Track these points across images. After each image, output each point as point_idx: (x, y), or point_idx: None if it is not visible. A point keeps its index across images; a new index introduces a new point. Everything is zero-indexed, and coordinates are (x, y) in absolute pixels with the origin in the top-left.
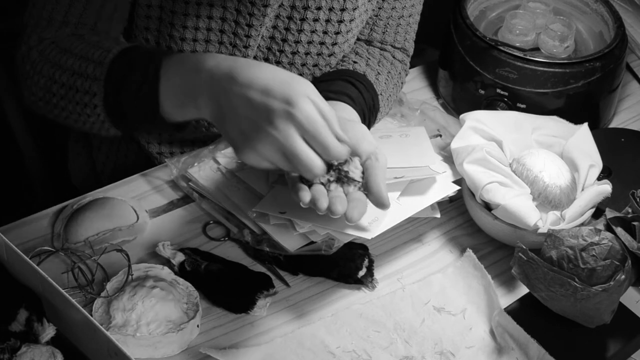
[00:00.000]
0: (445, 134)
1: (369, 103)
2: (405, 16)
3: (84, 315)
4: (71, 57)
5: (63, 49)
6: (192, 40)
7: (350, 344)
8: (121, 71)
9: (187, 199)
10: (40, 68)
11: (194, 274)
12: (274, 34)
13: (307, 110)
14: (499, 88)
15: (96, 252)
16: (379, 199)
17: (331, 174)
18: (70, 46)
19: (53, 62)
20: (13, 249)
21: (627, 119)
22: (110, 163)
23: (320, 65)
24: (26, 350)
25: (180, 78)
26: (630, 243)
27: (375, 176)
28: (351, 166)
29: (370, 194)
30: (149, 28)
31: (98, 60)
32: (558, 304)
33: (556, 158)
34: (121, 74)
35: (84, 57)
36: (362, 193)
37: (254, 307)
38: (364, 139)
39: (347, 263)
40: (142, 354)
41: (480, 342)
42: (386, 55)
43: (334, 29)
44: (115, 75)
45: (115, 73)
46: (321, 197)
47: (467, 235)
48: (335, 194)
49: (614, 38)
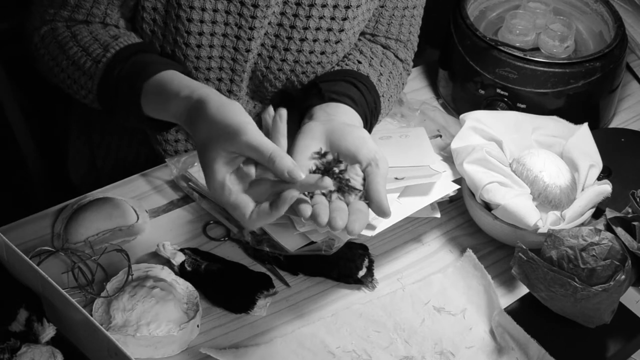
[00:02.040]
0: (445, 134)
1: (371, 105)
2: (410, 7)
3: (84, 315)
4: (74, 46)
5: (64, 40)
6: (198, 33)
7: (350, 344)
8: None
9: (187, 199)
10: (48, 44)
11: (194, 274)
12: (282, 20)
13: (249, 138)
14: (499, 88)
15: (96, 252)
16: (380, 208)
17: (333, 183)
18: (70, 42)
19: (52, 55)
20: (13, 249)
21: (627, 119)
22: (110, 159)
23: (327, 53)
24: (26, 350)
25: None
26: (630, 243)
27: (376, 184)
28: (352, 173)
29: (370, 202)
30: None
31: (90, 72)
32: (558, 304)
33: (556, 158)
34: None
35: (79, 62)
36: (363, 203)
37: (254, 307)
38: (363, 145)
39: (347, 263)
40: (142, 354)
41: (480, 342)
42: (389, 55)
43: (342, 15)
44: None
45: (105, 85)
46: (322, 213)
47: (467, 235)
48: (336, 205)
49: (614, 38)
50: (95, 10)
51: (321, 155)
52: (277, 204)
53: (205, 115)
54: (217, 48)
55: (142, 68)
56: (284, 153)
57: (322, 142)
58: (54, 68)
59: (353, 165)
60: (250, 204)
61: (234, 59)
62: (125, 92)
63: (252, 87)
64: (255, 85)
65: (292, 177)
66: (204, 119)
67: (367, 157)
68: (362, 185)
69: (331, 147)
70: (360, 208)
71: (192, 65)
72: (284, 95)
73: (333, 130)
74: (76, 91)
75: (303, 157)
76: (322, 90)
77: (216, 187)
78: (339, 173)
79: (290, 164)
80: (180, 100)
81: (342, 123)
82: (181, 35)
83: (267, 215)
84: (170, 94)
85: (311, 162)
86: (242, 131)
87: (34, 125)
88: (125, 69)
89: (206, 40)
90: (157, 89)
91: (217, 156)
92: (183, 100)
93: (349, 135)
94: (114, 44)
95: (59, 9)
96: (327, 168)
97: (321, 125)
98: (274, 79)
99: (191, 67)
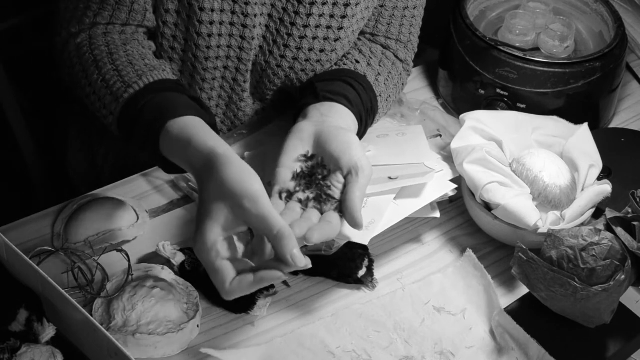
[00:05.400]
0: (445, 134)
1: (367, 105)
2: (410, 7)
3: (84, 315)
4: (108, 64)
5: (99, 56)
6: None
7: (350, 344)
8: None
9: (187, 199)
10: (74, 63)
11: (194, 274)
12: (283, 16)
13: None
14: (499, 88)
15: (96, 252)
16: (353, 219)
17: (311, 191)
18: (98, 61)
19: (84, 67)
20: (13, 249)
21: (627, 119)
22: (110, 158)
23: (326, 51)
24: (26, 350)
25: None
26: (630, 243)
27: (352, 194)
28: (334, 180)
29: (344, 212)
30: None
31: (112, 102)
32: (558, 304)
33: (556, 158)
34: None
35: (105, 87)
36: (336, 215)
37: (254, 307)
38: (346, 151)
39: (347, 263)
40: (142, 354)
41: (480, 342)
42: (388, 55)
43: (341, 12)
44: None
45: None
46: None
47: (467, 235)
48: (306, 215)
49: (614, 38)
50: (137, 7)
51: (307, 158)
52: (262, 279)
53: (225, 173)
54: (225, 37)
55: (171, 106)
56: (292, 232)
57: (310, 145)
58: (82, 80)
59: (336, 172)
60: (231, 273)
61: (240, 48)
62: (146, 124)
63: (253, 83)
64: (255, 80)
65: (294, 263)
66: (223, 176)
67: (348, 164)
68: (341, 193)
69: (318, 150)
70: (330, 220)
71: (203, 55)
72: (283, 94)
73: (322, 133)
74: (98, 109)
75: (290, 158)
76: (317, 90)
77: (204, 244)
78: (321, 179)
79: (294, 248)
80: (203, 148)
81: (332, 126)
82: (193, 25)
83: (249, 286)
84: (193, 139)
85: (297, 164)
86: (256, 200)
87: (34, 125)
88: (154, 102)
89: (216, 29)
90: (180, 131)
91: (219, 215)
92: (206, 150)
93: (335, 140)
94: (149, 74)
95: (98, 10)
96: (311, 172)
97: (312, 127)
98: (273, 75)
99: (202, 57)
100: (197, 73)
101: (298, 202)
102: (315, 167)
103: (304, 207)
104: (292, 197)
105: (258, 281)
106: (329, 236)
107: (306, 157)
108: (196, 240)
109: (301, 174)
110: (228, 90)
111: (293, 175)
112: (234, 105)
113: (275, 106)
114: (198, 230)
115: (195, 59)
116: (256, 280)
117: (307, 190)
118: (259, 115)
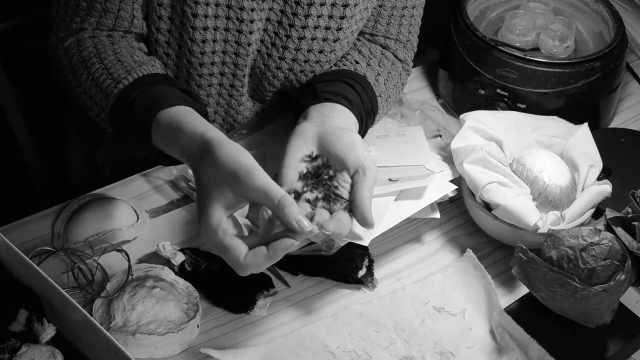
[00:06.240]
0: (445, 134)
1: (367, 106)
2: (409, 7)
3: (84, 315)
4: (97, 63)
5: (87, 56)
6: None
7: (350, 344)
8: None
9: (187, 199)
10: (63, 66)
11: (194, 274)
12: (281, 18)
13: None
14: (499, 88)
15: (96, 252)
16: (364, 218)
17: (319, 191)
18: (87, 62)
19: (73, 69)
20: (13, 249)
21: (627, 119)
22: (110, 158)
23: (325, 52)
24: (26, 350)
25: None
26: (630, 243)
27: (361, 193)
28: (340, 180)
29: (354, 212)
30: None
31: (103, 98)
32: (558, 304)
33: (556, 158)
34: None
35: (95, 86)
36: (346, 214)
37: (254, 307)
38: (352, 151)
39: (347, 263)
40: (142, 354)
41: (480, 342)
42: (388, 55)
43: (339, 13)
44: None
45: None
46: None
47: (467, 235)
48: (318, 213)
49: (614, 38)
50: (123, 13)
51: (312, 158)
52: (276, 250)
53: (218, 154)
54: (219, 43)
55: (161, 97)
56: (293, 200)
57: (314, 145)
58: (72, 81)
59: (342, 171)
60: (243, 248)
61: (236, 53)
62: (137, 116)
63: (252, 86)
64: (254, 83)
65: (300, 228)
66: (216, 157)
67: (355, 164)
68: (349, 193)
69: (322, 150)
70: (341, 219)
71: (198, 62)
72: (282, 95)
73: (325, 134)
74: (90, 107)
75: (294, 159)
76: (317, 90)
77: (210, 225)
78: (328, 179)
79: (298, 214)
80: (194, 134)
81: (334, 126)
82: (187, 31)
83: (264, 259)
84: (184, 127)
85: (302, 164)
86: (252, 173)
87: (34, 125)
88: (144, 95)
89: (210, 35)
90: (171, 120)
91: (220, 196)
92: (197, 136)
93: (339, 140)
94: (138, 70)
95: (85, 16)
96: (317, 173)
97: (314, 128)
98: (272, 77)
99: (196, 64)
100: (192, 79)
101: (307, 202)
102: (320, 167)
103: (313, 207)
104: (300, 197)
105: (272, 253)
106: (342, 231)
107: (311, 157)
108: (201, 225)
109: (308, 175)
110: (226, 96)
111: (299, 176)
112: (233, 110)
113: (275, 107)
114: (201, 214)
115: (190, 65)
116: (270, 252)
117: (314, 190)
118: (259, 116)
